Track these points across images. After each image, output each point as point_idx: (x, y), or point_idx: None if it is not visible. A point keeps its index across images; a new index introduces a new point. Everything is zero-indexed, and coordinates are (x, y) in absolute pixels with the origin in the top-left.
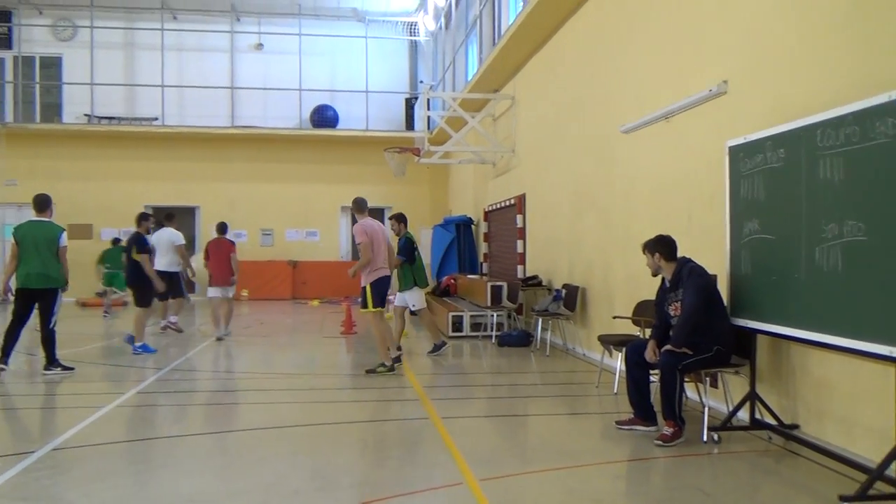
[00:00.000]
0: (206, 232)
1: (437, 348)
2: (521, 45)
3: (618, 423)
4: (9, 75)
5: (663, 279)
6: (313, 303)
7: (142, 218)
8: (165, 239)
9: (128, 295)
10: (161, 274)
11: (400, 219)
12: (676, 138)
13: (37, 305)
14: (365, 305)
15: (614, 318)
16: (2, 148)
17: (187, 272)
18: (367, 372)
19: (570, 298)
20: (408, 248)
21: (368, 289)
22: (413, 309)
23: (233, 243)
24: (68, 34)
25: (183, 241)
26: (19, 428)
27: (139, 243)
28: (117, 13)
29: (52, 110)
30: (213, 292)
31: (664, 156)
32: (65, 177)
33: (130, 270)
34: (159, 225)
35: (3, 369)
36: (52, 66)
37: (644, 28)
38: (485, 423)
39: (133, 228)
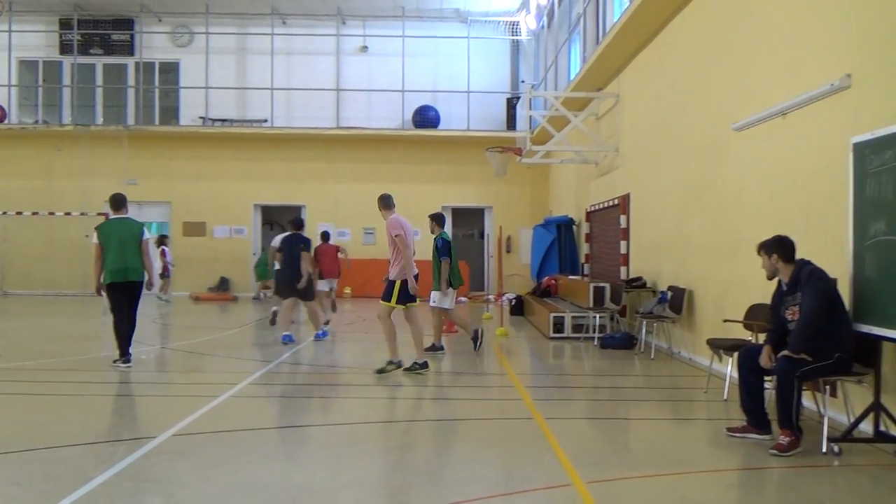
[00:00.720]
0: (311, 230)
1: (433, 349)
2: (627, 43)
3: (729, 429)
4: (131, 80)
5: (780, 282)
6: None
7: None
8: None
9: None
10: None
11: (435, 219)
12: (793, 135)
13: (127, 299)
14: (387, 299)
15: (725, 321)
16: (124, 149)
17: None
18: (377, 372)
19: (677, 301)
20: (445, 249)
21: (398, 285)
22: (433, 304)
23: (337, 247)
24: (185, 40)
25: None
26: (141, 414)
27: (307, 243)
28: (230, 19)
29: (170, 113)
30: (322, 285)
31: (779, 154)
32: (180, 176)
33: (295, 268)
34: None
35: (129, 365)
36: (171, 71)
37: (756, 21)
38: (589, 425)
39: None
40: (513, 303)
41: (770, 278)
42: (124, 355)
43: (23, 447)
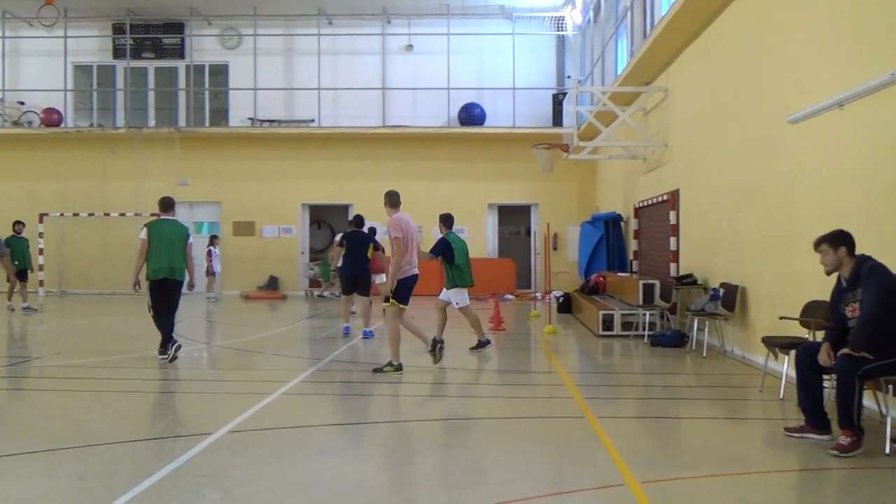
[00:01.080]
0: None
1: (480, 345)
2: (676, 36)
3: (787, 429)
4: (182, 83)
5: (839, 278)
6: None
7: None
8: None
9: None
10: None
11: (443, 220)
12: (850, 127)
13: (169, 296)
14: (388, 299)
15: (781, 318)
16: (175, 150)
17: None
18: (374, 371)
19: (729, 298)
20: (439, 248)
21: (393, 285)
22: (456, 306)
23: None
24: (234, 43)
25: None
26: (197, 411)
27: (377, 243)
28: (277, 21)
29: (220, 115)
30: (378, 279)
31: (835, 146)
32: (230, 177)
33: (363, 265)
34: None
35: (175, 357)
36: (220, 73)
37: (812, 10)
38: (641, 424)
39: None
40: (560, 300)
41: (830, 273)
42: (164, 349)
43: (85, 443)
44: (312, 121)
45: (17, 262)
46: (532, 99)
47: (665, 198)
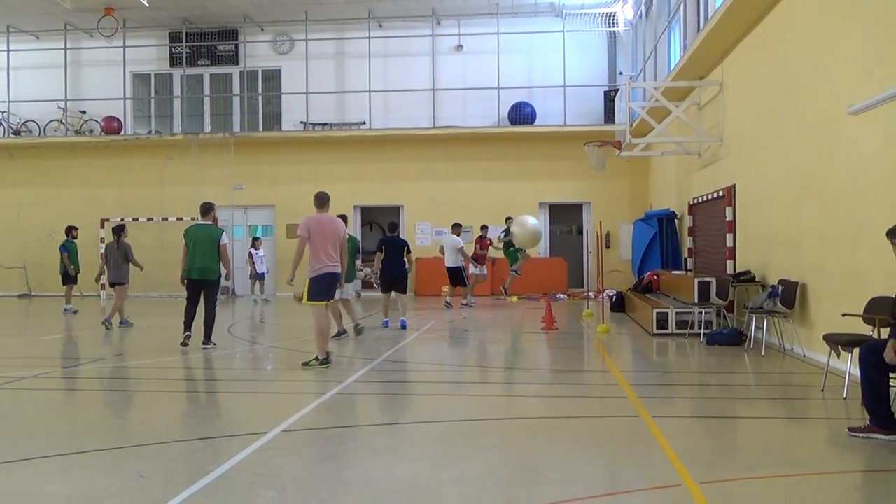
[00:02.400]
0: (410, 230)
1: (338, 334)
2: (730, 28)
3: (851, 429)
4: (236, 89)
5: None
6: (512, 299)
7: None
8: (450, 242)
9: None
10: (449, 269)
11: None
12: None
13: (203, 294)
14: (308, 298)
15: (843, 315)
16: (230, 155)
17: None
18: (303, 365)
19: (788, 295)
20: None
21: (306, 283)
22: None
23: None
24: (286, 48)
25: (462, 245)
26: (252, 410)
27: (408, 246)
28: (329, 25)
29: (273, 119)
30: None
31: None
32: (283, 180)
33: (401, 267)
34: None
35: (188, 336)
36: (273, 78)
37: None
38: (699, 423)
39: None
40: (613, 299)
41: None
42: (207, 341)
43: (145, 442)
44: (364, 123)
45: (72, 266)
46: (583, 97)
47: (721, 193)
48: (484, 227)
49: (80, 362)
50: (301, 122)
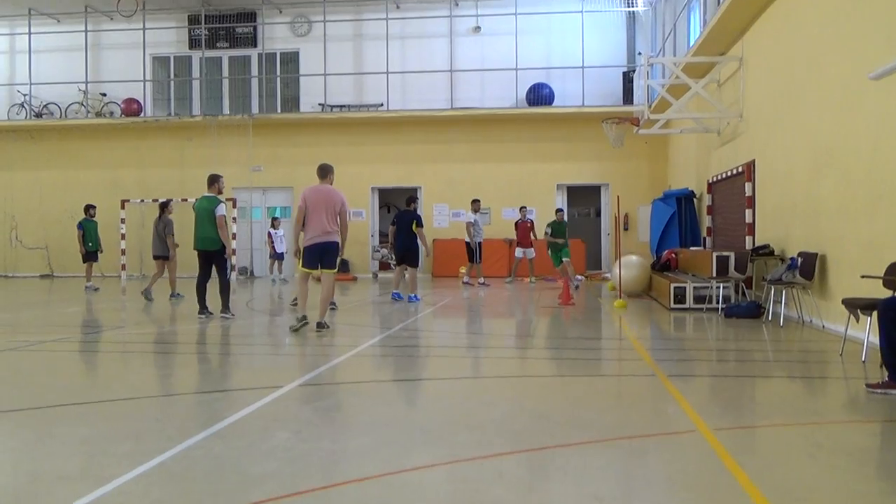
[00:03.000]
0: (427, 212)
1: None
2: (751, 2)
3: (869, 385)
4: (255, 71)
5: None
6: (529, 280)
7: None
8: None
9: None
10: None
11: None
12: None
13: (213, 264)
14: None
15: (862, 277)
16: (249, 137)
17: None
18: (291, 328)
19: (807, 266)
20: None
21: (301, 252)
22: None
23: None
24: (304, 30)
25: (471, 220)
26: (271, 369)
27: (419, 219)
28: (346, 7)
29: (292, 101)
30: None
31: None
32: (302, 162)
33: (411, 240)
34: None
35: (208, 315)
36: (291, 60)
37: None
38: (714, 381)
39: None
40: None
41: None
42: (225, 309)
43: (164, 393)
44: (381, 105)
45: (90, 244)
46: (602, 77)
47: (740, 170)
48: (523, 209)
49: (100, 329)
50: (319, 104)
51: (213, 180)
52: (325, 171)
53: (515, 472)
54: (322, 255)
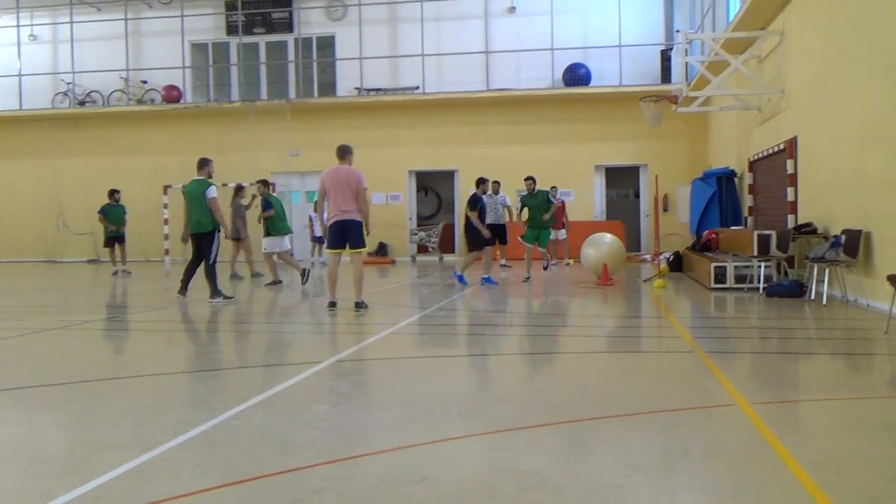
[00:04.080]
0: (463, 194)
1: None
2: None
3: None
4: (291, 56)
5: None
6: (568, 261)
7: (480, 181)
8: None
9: None
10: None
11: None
12: None
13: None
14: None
15: None
16: (287, 122)
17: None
18: (329, 306)
19: (852, 244)
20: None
21: (323, 232)
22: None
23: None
24: (339, 14)
25: (510, 203)
26: (310, 346)
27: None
28: None
29: (328, 86)
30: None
31: None
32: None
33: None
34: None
35: (184, 297)
36: (327, 45)
37: None
38: (754, 357)
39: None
40: (670, 259)
41: None
42: (214, 294)
43: (207, 368)
44: (417, 88)
45: (113, 228)
46: (639, 56)
47: (781, 147)
48: (553, 189)
49: (141, 310)
50: (355, 88)
51: (203, 164)
52: (344, 152)
53: (551, 442)
54: (346, 234)
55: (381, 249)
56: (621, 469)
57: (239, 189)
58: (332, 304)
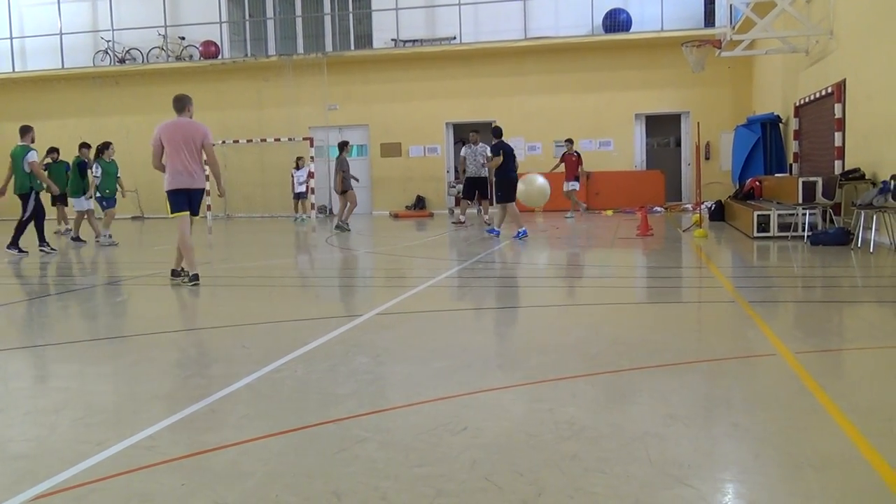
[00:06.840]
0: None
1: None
2: None
3: None
4: (327, 8)
5: None
6: (607, 212)
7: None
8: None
9: None
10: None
11: None
12: None
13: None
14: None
15: None
16: (324, 76)
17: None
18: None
19: None
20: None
21: (166, 195)
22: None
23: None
24: None
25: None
26: (351, 300)
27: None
28: None
29: (365, 38)
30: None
31: None
32: (376, 99)
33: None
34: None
35: (50, 250)
36: None
37: None
38: (797, 307)
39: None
40: (712, 208)
41: None
42: (11, 245)
43: (249, 322)
44: (454, 38)
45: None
46: None
47: (829, 90)
48: (568, 142)
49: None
50: (392, 40)
51: (26, 131)
52: (182, 104)
53: (590, 392)
54: (191, 201)
55: (419, 203)
56: (661, 419)
57: (344, 145)
58: (195, 277)
